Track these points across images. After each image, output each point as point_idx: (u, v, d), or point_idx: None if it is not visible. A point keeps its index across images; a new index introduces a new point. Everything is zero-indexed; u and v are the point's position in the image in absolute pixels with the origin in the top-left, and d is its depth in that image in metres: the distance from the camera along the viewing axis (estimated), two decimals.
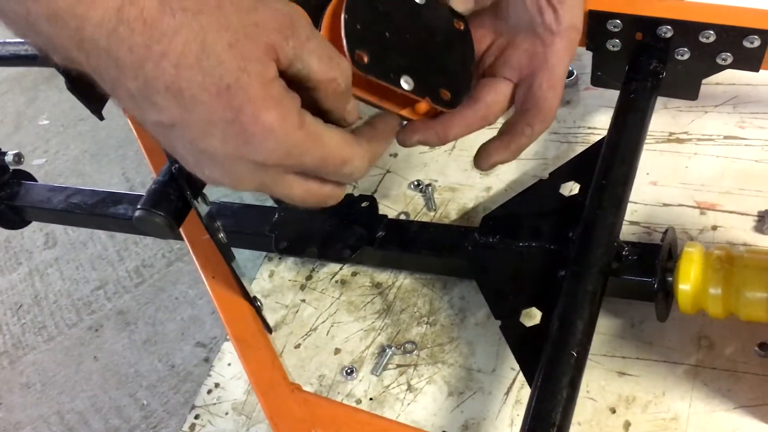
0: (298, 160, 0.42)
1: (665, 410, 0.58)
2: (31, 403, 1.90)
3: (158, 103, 0.39)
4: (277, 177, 0.43)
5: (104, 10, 0.36)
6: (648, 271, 0.58)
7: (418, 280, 0.72)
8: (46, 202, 0.86)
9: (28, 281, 2.16)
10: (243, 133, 0.39)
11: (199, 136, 0.40)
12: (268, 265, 0.78)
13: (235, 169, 0.42)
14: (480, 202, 0.75)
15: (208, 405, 0.70)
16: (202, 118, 0.39)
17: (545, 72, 0.55)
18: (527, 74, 0.56)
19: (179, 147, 0.42)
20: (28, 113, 2.67)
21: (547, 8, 0.55)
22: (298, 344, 0.71)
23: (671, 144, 0.73)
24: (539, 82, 0.55)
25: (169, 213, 0.53)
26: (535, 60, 0.56)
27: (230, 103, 0.38)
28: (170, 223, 0.53)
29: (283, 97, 0.40)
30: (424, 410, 0.64)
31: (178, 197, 0.53)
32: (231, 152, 0.40)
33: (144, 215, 0.53)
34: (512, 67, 0.57)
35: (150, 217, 0.53)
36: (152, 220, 0.53)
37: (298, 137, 0.41)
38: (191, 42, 0.37)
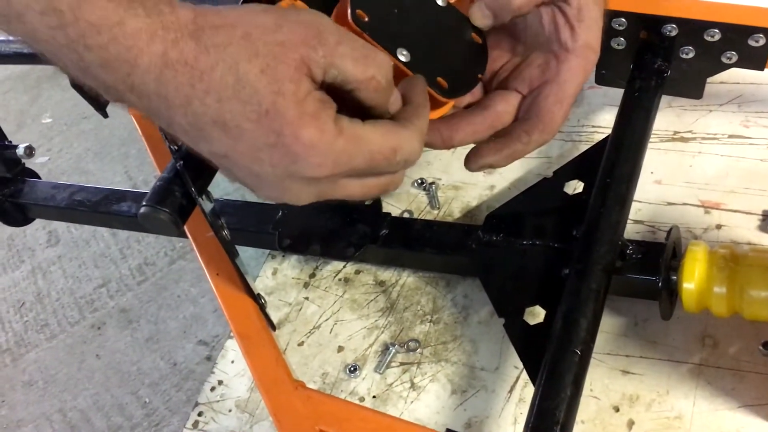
0: (347, 166, 0.42)
1: (669, 409, 0.58)
2: (34, 401, 1.90)
3: (209, 136, 0.41)
4: (332, 185, 0.44)
5: (150, 55, 0.38)
6: (652, 269, 0.58)
7: (422, 278, 0.72)
8: (49, 199, 0.86)
9: (30, 279, 2.16)
10: (288, 154, 0.41)
11: (250, 163, 0.42)
12: (272, 262, 0.78)
13: (290, 188, 0.43)
14: (483, 200, 0.75)
15: (212, 402, 0.70)
16: (249, 145, 0.41)
17: (554, 85, 0.55)
18: (537, 86, 0.56)
19: (237, 173, 0.44)
20: (31, 111, 2.67)
21: (564, 26, 0.55)
22: (302, 342, 0.71)
23: (676, 143, 0.72)
24: (546, 93, 0.55)
25: (174, 210, 0.53)
26: (547, 74, 0.56)
27: (271, 128, 0.40)
28: (175, 220, 0.53)
29: (319, 110, 0.41)
30: (427, 408, 0.64)
31: (182, 194, 0.53)
32: (281, 174, 0.42)
33: (149, 212, 0.53)
34: (524, 81, 0.57)
35: (155, 213, 0.53)
36: (157, 216, 0.53)
37: (340, 145, 0.41)
38: (226, 75, 0.39)
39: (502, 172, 0.76)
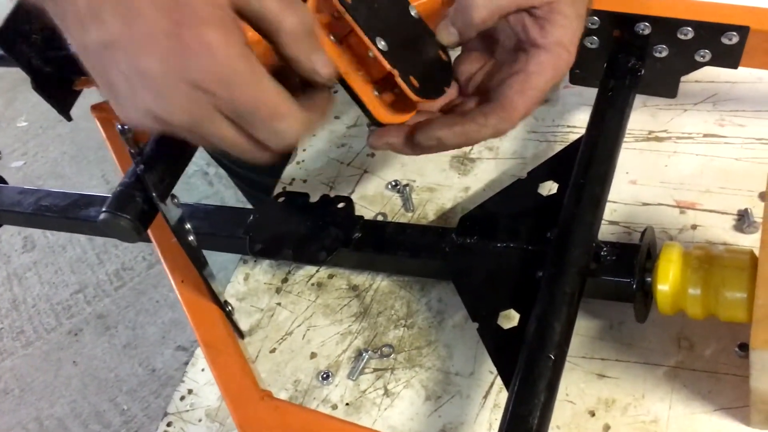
0: (232, 92, 0.41)
1: (645, 413, 0.58)
2: (9, 410, 1.87)
3: (104, 18, 0.39)
4: (208, 112, 0.42)
5: None
6: (627, 271, 0.57)
7: (396, 282, 0.71)
8: (16, 204, 0.84)
9: (6, 285, 2.13)
10: (183, 48, 0.39)
11: (138, 53, 0.40)
12: (243, 267, 0.77)
13: (169, 92, 0.41)
14: (458, 202, 0.74)
15: (181, 412, 0.69)
16: (144, 32, 0.39)
17: (520, 75, 0.55)
18: (504, 77, 0.55)
19: (114, 71, 0.41)
20: (6, 115, 2.64)
21: (533, 26, 0.55)
22: (274, 348, 0.70)
23: (650, 143, 0.72)
24: (510, 82, 0.54)
25: (135, 216, 0.51)
26: (515, 67, 0.55)
27: (174, 17, 0.39)
28: (136, 227, 0.51)
29: (231, 22, 0.40)
30: (401, 415, 0.63)
31: (144, 199, 0.51)
32: (167, 70, 0.40)
33: (109, 218, 0.51)
34: (497, 83, 0.56)
35: (115, 220, 0.51)
36: (117, 223, 0.51)
37: (238, 65, 0.40)
38: None
39: (477, 173, 0.75)
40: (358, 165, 0.81)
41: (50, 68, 0.70)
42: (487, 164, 0.76)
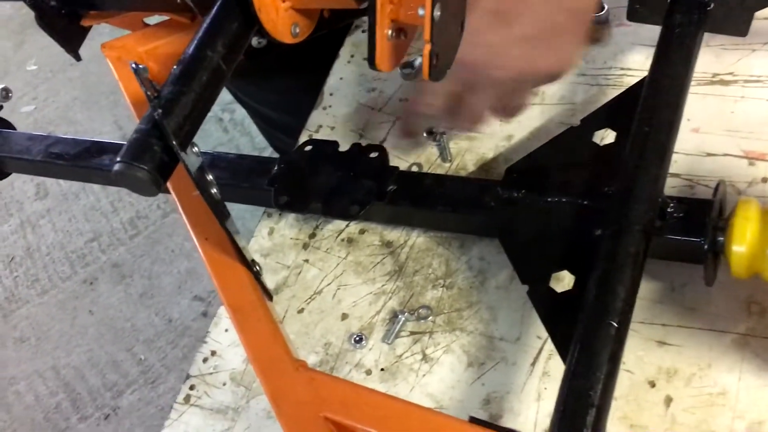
0: None
1: (711, 384, 0.53)
2: (26, 358, 1.86)
3: None
4: None
5: None
6: (697, 230, 0.51)
7: (433, 239, 0.66)
8: (24, 152, 0.79)
9: (19, 233, 2.09)
10: None
11: None
12: (267, 221, 0.72)
13: None
14: (500, 152, 0.68)
15: (204, 375, 0.64)
16: None
17: None
18: None
19: None
20: (15, 58, 2.57)
21: None
22: (302, 309, 0.65)
23: (715, 86, 0.65)
24: None
25: (153, 167, 0.46)
26: None
27: None
28: (155, 179, 0.46)
29: None
30: (441, 382, 0.58)
31: (162, 148, 0.46)
32: None
33: (124, 169, 0.46)
34: None
35: (131, 171, 0.46)
36: (134, 174, 0.46)
37: None
38: None
39: (521, 120, 0.69)
40: (390, 111, 0.75)
41: (55, 1, 0.64)
42: (532, 110, 0.69)
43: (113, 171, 0.47)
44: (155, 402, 1.68)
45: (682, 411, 0.52)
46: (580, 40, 0.60)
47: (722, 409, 0.51)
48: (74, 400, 1.75)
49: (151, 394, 1.70)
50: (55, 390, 1.78)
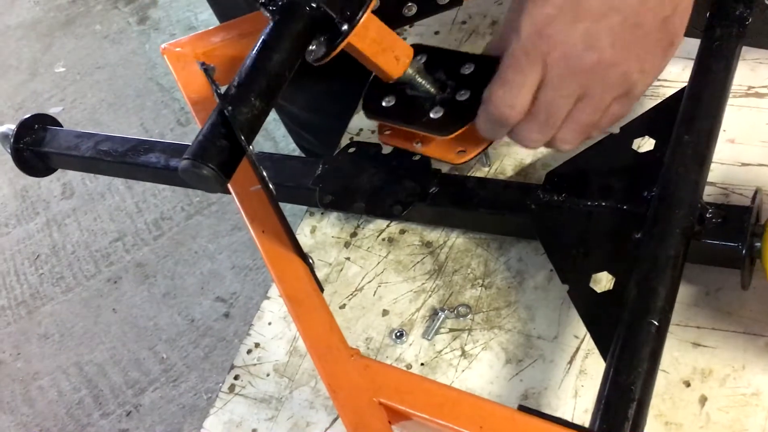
0: None
1: (745, 385, 0.54)
2: (50, 354, 1.89)
3: None
4: None
5: None
6: (735, 235, 0.53)
7: (472, 240, 0.68)
8: (73, 148, 0.82)
9: (45, 231, 2.13)
10: None
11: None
12: (310, 220, 0.74)
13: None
14: (538, 158, 0.70)
15: (248, 365, 0.67)
16: None
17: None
18: None
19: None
20: (44, 60, 2.62)
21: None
22: (344, 304, 0.67)
23: (750, 99, 0.67)
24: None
25: (218, 164, 0.48)
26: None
27: None
28: (219, 176, 0.48)
29: None
30: (480, 378, 0.60)
31: (228, 146, 0.48)
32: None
33: (190, 166, 0.48)
34: None
35: (197, 169, 0.48)
36: (200, 172, 0.48)
37: None
38: None
39: None
40: None
41: None
42: None
43: (180, 168, 0.49)
44: (176, 400, 1.71)
45: (716, 410, 0.54)
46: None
47: (755, 409, 0.53)
48: (96, 397, 1.78)
49: (173, 392, 1.72)
50: (77, 386, 1.81)
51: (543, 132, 0.53)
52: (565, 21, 0.48)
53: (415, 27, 0.86)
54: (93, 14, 2.73)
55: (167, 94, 2.32)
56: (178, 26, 2.53)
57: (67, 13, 2.79)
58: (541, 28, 0.49)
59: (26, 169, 0.86)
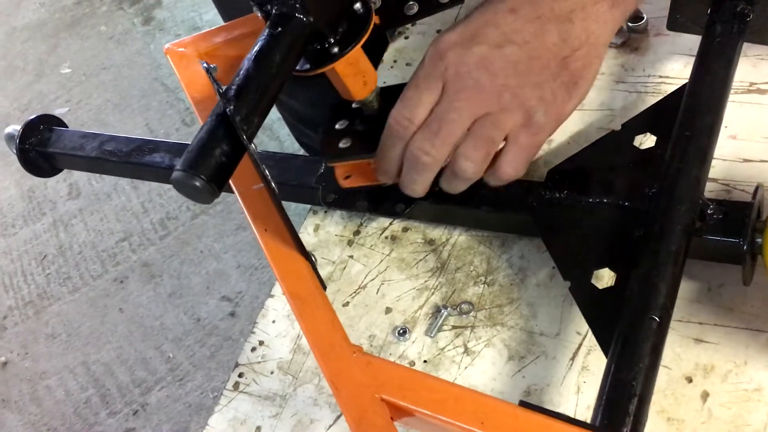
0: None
1: (747, 380, 0.54)
2: (57, 354, 1.90)
3: None
4: None
5: None
6: (736, 231, 0.53)
7: (474, 238, 0.68)
8: (78, 149, 0.82)
9: (52, 232, 2.14)
10: None
11: None
12: (313, 218, 0.74)
13: None
14: (540, 155, 0.70)
15: (252, 363, 0.67)
16: None
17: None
18: None
19: None
20: (49, 61, 2.63)
21: None
22: (347, 302, 0.68)
23: (752, 95, 0.67)
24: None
25: (210, 175, 0.46)
26: None
27: None
28: (211, 188, 0.46)
29: None
30: (483, 375, 0.61)
31: (220, 157, 0.47)
32: None
33: (182, 177, 0.46)
34: None
35: (189, 180, 0.45)
36: (191, 183, 0.46)
37: None
38: None
39: (561, 125, 0.71)
40: None
41: None
42: (572, 116, 0.71)
43: (171, 179, 0.48)
44: (183, 399, 1.71)
45: (718, 406, 0.54)
46: None
47: (758, 405, 0.53)
48: (104, 396, 1.78)
49: (179, 391, 1.73)
50: (85, 385, 1.82)
51: (435, 144, 0.54)
52: (463, 45, 0.53)
53: (417, 26, 0.86)
54: (98, 15, 2.74)
55: (172, 95, 2.33)
56: (183, 26, 2.53)
57: (73, 14, 2.80)
58: (442, 52, 0.53)
59: (32, 170, 0.86)
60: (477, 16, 0.54)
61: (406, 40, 0.86)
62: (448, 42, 0.53)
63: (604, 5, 0.53)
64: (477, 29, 0.53)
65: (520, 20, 0.53)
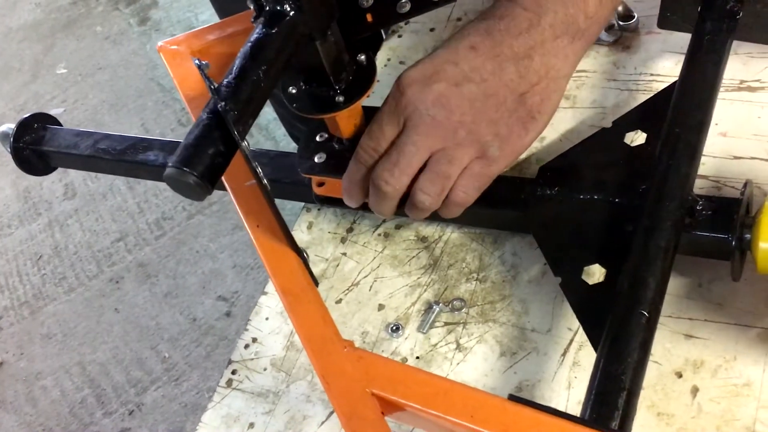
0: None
1: (737, 375, 0.55)
2: (53, 354, 1.90)
3: None
4: None
5: None
6: (725, 227, 0.54)
7: (467, 234, 0.68)
8: (72, 147, 0.83)
9: (47, 232, 2.14)
10: None
11: None
12: (307, 216, 0.75)
13: None
14: (533, 152, 0.71)
15: (246, 360, 0.67)
16: None
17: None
18: None
19: None
20: (45, 62, 2.63)
21: None
22: (340, 299, 0.68)
23: (742, 92, 0.68)
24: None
25: (202, 171, 0.46)
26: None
27: None
28: (203, 184, 0.46)
29: None
30: (475, 371, 0.61)
31: (213, 153, 0.47)
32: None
33: (174, 174, 0.46)
34: None
35: (182, 176, 0.45)
36: (184, 180, 0.46)
37: None
38: None
39: (552, 122, 0.71)
40: None
41: None
42: (564, 113, 0.72)
43: (164, 176, 0.48)
44: (179, 399, 1.71)
45: (708, 401, 0.54)
46: None
47: (747, 399, 0.54)
48: (99, 396, 1.78)
49: (175, 391, 1.73)
50: (80, 385, 1.82)
51: (395, 174, 0.56)
52: (423, 83, 0.55)
53: (411, 24, 0.87)
54: (94, 15, 2.74)
55: (168, 95, 2.33)
56: (179, 27, 2.54)
57: (69, 14, 2.80)
58: (403, 88, 0.55)
59: (26, 168, 0.87)
60: (440, 52, 0.56)
61: (399, 38, 0.86)
62: (410, 79, 0.56)
63: (564, 40, 0.55)
64: (437, 66, 0.55)
65: (479, 58, 0.54)
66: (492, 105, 0.55)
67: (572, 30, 0.55)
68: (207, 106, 0.50)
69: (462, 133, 0.55)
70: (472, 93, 0.54)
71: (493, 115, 0.55)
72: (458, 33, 0.57)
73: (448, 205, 0.59)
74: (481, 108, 0.55)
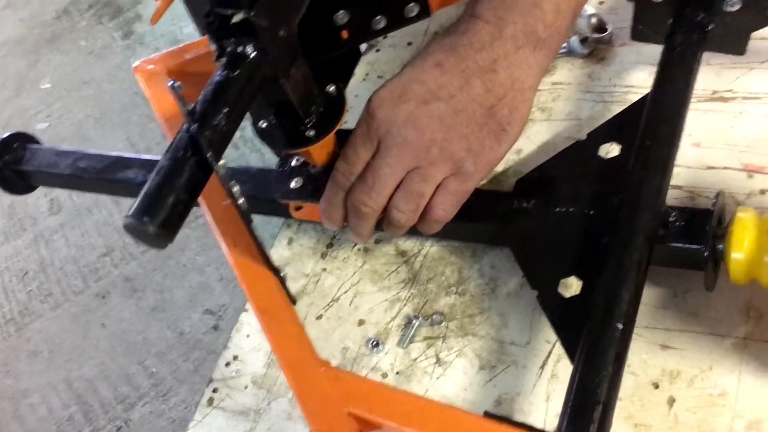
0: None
1: (712, 385, 0.55)
2: (39, 371, 1.88)
3: None
4: None
5: None
6: (697, 238, 0.54)
7: (446, 248, 0.69)
8: (53, 166, 0.83)
9: (33, 248, 2.13)
10: None
11: None
12: (287, 231, 0.75)
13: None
14: (510, 165, 0.71)
15: (227, 378, 0.67)
16: None
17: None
18: None
19: None
20: (29, 76, 2.62)
21: None
22: (320, 315, 0.68)
23: (715, 103, 0.68)
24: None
25: (161, 221, 0.45)
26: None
27: None
28: (163, 234, 0.45)
29: None
30: (455, 385, 0.61)
31: (179, 196, 0.46)
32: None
33: (133, 224, 0.45)
34: None
35: (140, 226, 0.44)
36: (143, 229, 0.45)
37: None
38: None
39: (529, 135, 0.72)
40: None
41: None
42: (540, 126, 0.73)
43: (123, 226, 0.46)
44: (166, 414, 1.71)
45: (684, 411, 0.55)
46: None
47: (722, 409, 0.54)
48: (86, 412, 1.77)
49: (163, 406, 1.72)
50: (67, 402, 1.80)
51: (371, 195, 0.57)
52: (392, 103, 0.55)
53: (389, 38, 0.87)
54: (78, 30, 2.74)
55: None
56: (163, 40, 2.53)
57: (53, 29, 2.79)
58: (373, 111, 0.56)
59: (7, 188, 0.87)
60: (407, 71, 0.57)
61: (377, 53, 0.86)
62: (380, 99, 0.56)
63: (526, 50, 0.56)
64: (405, 86, 0.56)
65: (446, 75, 0.55)
66: (462, 121, 0.55)
67: (533, 40, 0.55)
68: (179, 129, 0.50)
69: (435, 151, 0.56)
70: (441, 110, 0.55)
71: (464, 130, 0.55)
72: (423, 50, 0.57)
73: (428, 222, 0.60)
74: (451, 124, 0.55)
